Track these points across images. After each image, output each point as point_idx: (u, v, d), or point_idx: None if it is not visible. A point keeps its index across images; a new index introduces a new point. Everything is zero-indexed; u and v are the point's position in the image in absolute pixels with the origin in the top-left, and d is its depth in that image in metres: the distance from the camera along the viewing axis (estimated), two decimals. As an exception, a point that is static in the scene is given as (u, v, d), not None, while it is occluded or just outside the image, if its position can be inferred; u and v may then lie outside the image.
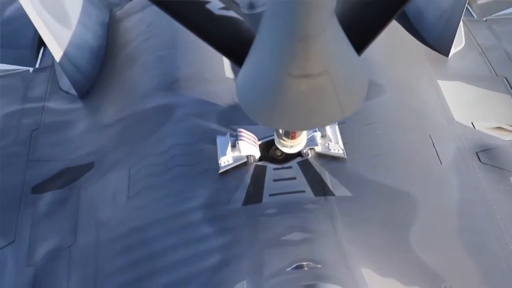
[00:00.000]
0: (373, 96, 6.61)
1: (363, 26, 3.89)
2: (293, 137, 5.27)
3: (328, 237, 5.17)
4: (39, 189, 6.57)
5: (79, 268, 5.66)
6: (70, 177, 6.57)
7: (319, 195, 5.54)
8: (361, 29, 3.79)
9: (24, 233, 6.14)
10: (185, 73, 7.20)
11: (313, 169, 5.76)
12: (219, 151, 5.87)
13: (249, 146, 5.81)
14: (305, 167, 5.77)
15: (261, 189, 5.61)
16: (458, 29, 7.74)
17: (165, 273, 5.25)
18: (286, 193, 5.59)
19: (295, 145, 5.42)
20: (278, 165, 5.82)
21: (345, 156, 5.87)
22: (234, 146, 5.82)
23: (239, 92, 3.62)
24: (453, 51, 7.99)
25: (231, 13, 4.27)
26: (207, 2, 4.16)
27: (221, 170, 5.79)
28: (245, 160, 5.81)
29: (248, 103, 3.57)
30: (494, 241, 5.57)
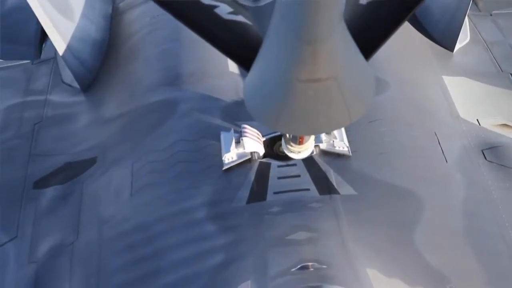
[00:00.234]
0: (378, 92, 6.46)
1: (371, 31, 3.87)
2: (300, 142, 5.23)
3: (333, 236, 5.14)
4: (41, 184, 6.53)
5: (82, 265, 5.63)
6: (72, 172, 6.52)
7: (324, 194, 5.50)
8: (369, 35, 3.77)
9: (26, 229, 6.10)
10: (188, 67, 7.15)
11: (317, 166, 5.72)
12: (223, 148, 5.83)
13: (253, 142, 5.76)
14: (310, 165, 5.73)
15: (265, 186, 5.58)
16: (463, 24, 7.68)
17: (168, 272, 5.22)
18: (290, 191, 5.55)
19: (303, 151, 5.36)
20: (282, 162, 5.77)
21: (350, 153, 5.83)
22: (238, 142, 5.77)
23: (247, 96, 3.60)
24: (458, 46, 7.92)
25: (239, 18, 4.22)
26: (216, 6, 4.11)
27: (225, 167, 5.75)
28: (249, 157, 5.77)
29: (255, 107, 3.55)
30: (499, 241, 5.54)
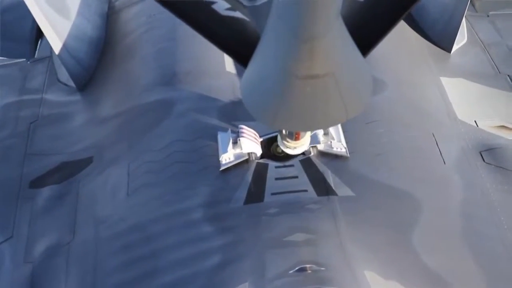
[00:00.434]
0: (375, 92, 6.54)
1: (368, 28, 3.87)
2: (296, 138, 5.25)
3: (331, 238, 5.12)
4: (37, 183, 6.49)
5: (78, 265, 5.60)
6: (68, 172, 6.49)
7: (321, 195, 5.48)
8: (366, 31, 3.75)
9: (22, 229, 6.07)
10: (185, 66, 7.12)
11: (315, 167, 5.70)
12: (220, 148, 5.81)
13: (250, 143, 5.74)
14: (307, 166, 5.71)
15: (263, 187, 5.55)
16: (460, 25, 7.67)
17: (165, 272, 5.19)
18: (288, 192, 5.53)
19: (299, 146, 5.40)
20: (280, 163, 5.75)
21: (348, 154, 5.81)
22: (235, 143, 5.74)
23: (244, 92, 3.61)
24: (455, 47, 7.92)
25: (237, 14, 4.21)
26: (213, 2, 4.09)
27: (222, 167, 5.72)
28: (246, 157, 5.75)
29: (252, 104, 3.56)
30: (498, 243, 5.53)
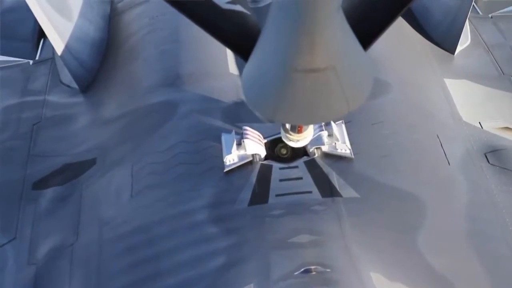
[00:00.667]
0: (380, 94, 6.54)
1: (369, 21, 3.85)
2: (299, 131, 5.17)
3: (336, 240, 5.10)
4: (40, 185, 6.47)
5: (82, 267, 5.57)
6: (72, 173, 6.47)
7: (326, 196, 5.46)
8: (367, 25, 3.75)
9: (25, 231, 6.04)
10: (188, 68, 7.10)
11: (319, 169, 5.68)
12: (224, 149, 5.79)
13: (254, 144, 5.72)
14: (312, 167, 5.69)
15: (267, 189, 5.54)
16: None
17: (169, 275, 5.17)
18: (292, 193, 5.51)
19: (301, 139, 5.30)
20: (284, 165, 5.74)
21: (352, 156, 5.79)
22: (239, 144, 5.72)
23: (244, 86, 3.61)
24: (459, 48, 7.91)
25: (238, 7, 4.20)
26: None
27: (226, 169, 5.71)
28: (250, 159, 5.73)
29: (253, 98, 3.55)
30: (503, 244, 5.52)
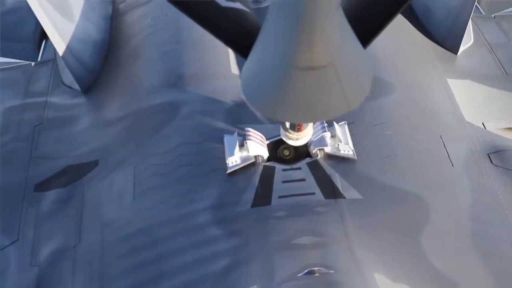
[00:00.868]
0: (383, 94, 6.53)
1: (368, 19, 3.85)
2: (299, 129, 5.17)
3: (339, 241, 5.08)
4: (42, 187, 6.46)
5: (84, 269, 5.55)
6: (74, 175, 6.45)
7: (329, 198, 5.44)
8: (366, 22, 3.75)
9: (27, 233, 6.03)
10: (190, 69, 7.09)
11: (322, 170, 5.66)
12: (226, 151, 5.77)
13: (257, 146, 5.71)
14: (315, 168, 5.67)
15: (270, 190, 5.52)
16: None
17: (171, 277, 5.15)
18: (295, 195, 5.49)
19: (301, 138, 5.30)
20: (287, 166, 5.72)
21: (355, 157, 5.77)
22: (242, 145, 5.71)
23: (244, 84, 3.61)
24: (461, 48, 7.88)
25: (237, 5, 4.20)
26: None
27: (229, 170, 5.69)
28: (253, 160, 5.71)
29: (252, 96, 3.55)
30: (507, 245, 5.49)
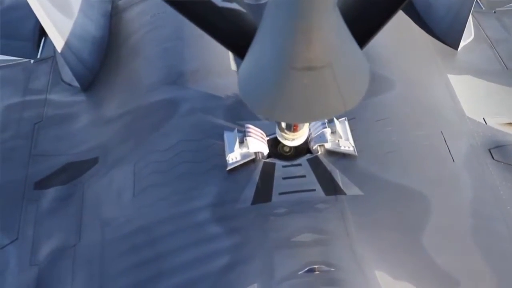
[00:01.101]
0: (383, 90, 6.51)
1: (365, 20, 3.86)
2: (294, 130, 5.20)
3: (340, 238, 5.06)
4: (42, 184, 6.43)
5: (84, 268, 5.54)
6: (73, 173, 6.43)
7: (329, 194, 5.42)
8: (363, 23, 3.77)
9: (27, 231, 6.01)
10: (190, 66, 7.06)
11: (323, 166, 5.63)
12: (226, 148, 5.74)
13: (257, 142, 5.68)
14: (315, 165, 5.65)
15: (270, 187, 5.50)
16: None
17: (172, 275, 5.13)
18: (296, 191, 5.46)
19: (297, 138, 5.34)
20: (287, 162, 5.69)
21: (356, 153, 5.75)
22: (242, 142, 5.68)
23: (241, 84, 3.61)
24: (462, 44, 7.87)
25: (234, 5, 4.19)
26: None
27: (229, 167, 5.66)
28: (253, 157, 5.69)
29: (249, 96, 3.55)
30: (508, 241, 5.47)
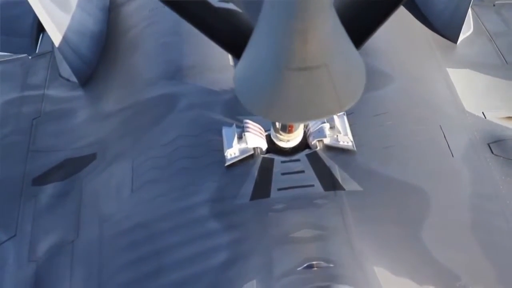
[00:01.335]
0: (382, 85, 6.50)
1: (362, 20, 3.89)
2: (289, 131, 5.25)
3: (339, 234, 5.05)
4: (40, 180, 6.42)
5: (82, 264, 5.53)
6: (72, 169, 6.42)
7: (328, 190, 5.40)
8: (360, 24, 3.78)
9: (25, 227, 6.00)
10: (189, 61, 7.03)
11: (321, 162, 5.62)
12: (225, 143, 5.72)
13: (256, 137, 5.66)
14: (314, 160, 5.63)
15: (269, 183, 5.48)
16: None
17: (171, 271, 5.12)
18: (294, 187, 5.44)
19: (292, 139, 5.41)
20: (286, 158, 5.67)
21: (355, 148, 5.72)
22: (240, 137, 5.66)
23: (237, 84, 3.61)
24: (461, 37, 7.85)
25: (230, 5, 4.18)
26: None
27: (228, 163, 5.64)
28: (252, 152, 5.66)
29: (245, 96, 3.55)
30: (507, 236, 5.47)
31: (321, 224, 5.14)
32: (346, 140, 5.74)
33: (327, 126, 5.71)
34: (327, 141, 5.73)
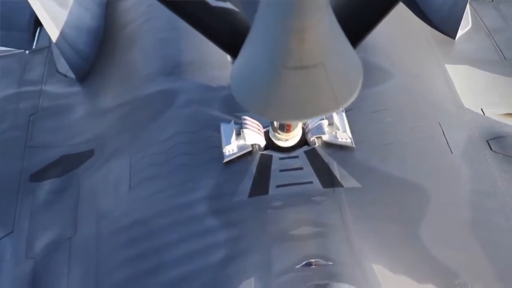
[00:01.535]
0: (381, 81, 6.48)
1: (358, 19, 3.88)
2: (287, 130, 5.24)
3: (337, 231, 5.04)
4: (38, 177, 6.40)
5: (80, 260, 5.52)
6: (69, 165, 6.39)
7: (327, 187, 5.39)
8: (356, 22, 3.77)
9: (22, 224, 5.98)
10: (187, 57, 7.01)
11: (320, 158, 5.60)
12: (223, 140, 5.71)
13: (254, 134, 5.65)
14: (312, 157, 5.61)
15: (267, 179, 5.46)
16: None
17: (169, 268, 5.11)
18: (293, 184, 5.43)
19: (290, 139, 5.39)
20: (284, 154, 5.65)
21: (353, 145, 5.71)
22: (238, 134, 5.65)
23: (233, 83, 3.58)
24: (459, 33, 7.83)
25: (227, 5, 4.16)
26: None
27: (226, 159, 5.63)
28: (250, 149, 5.65)
29: (242, 95, 3.51)
30: (507, 233, 5.45)
31: (320, 221, 5.13)
32: (344, 136, 5.73)
33: (325, 122, 5.70)
34: (325, 137, 5.71)
